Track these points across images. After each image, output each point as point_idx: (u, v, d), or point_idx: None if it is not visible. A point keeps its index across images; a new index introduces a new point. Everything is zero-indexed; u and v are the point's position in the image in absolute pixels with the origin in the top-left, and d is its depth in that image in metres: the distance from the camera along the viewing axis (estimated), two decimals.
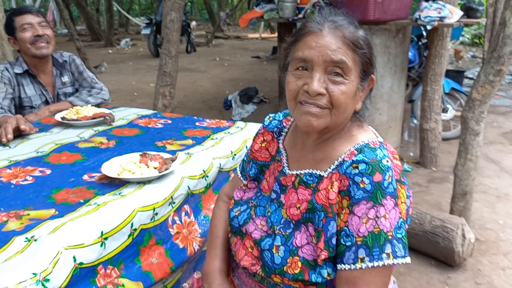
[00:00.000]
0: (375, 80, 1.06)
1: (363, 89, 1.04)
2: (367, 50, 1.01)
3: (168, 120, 2.15)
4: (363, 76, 1.02)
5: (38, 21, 2.27)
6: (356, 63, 0.99)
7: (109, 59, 11.27)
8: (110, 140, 1.83)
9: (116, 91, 7.73)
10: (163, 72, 3.60)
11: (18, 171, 1.50)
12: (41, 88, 2.36)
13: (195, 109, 6.30)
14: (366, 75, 1.03)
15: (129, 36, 16.59)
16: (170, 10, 3.48)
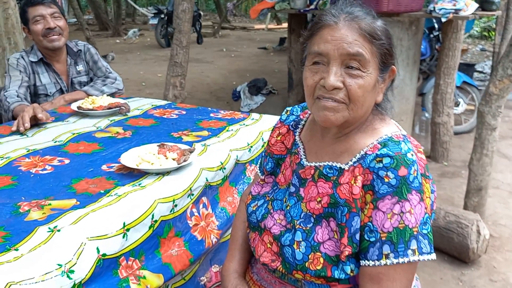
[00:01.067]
0: (396, 71, 1.04)
1: (383, 81, 1.02)
2: (385, 41, 0.99)
3: (183, 111, 2.14)
4: (382, 67, 1.00)
5: (50, 12, 2.24)
6: (374, 55, 0.97)
7: (117, 49, 11.25)
8: (127, 131, 1.82)
9: (124, 81, 7.65)
10: (174, 63, 3.59)
11: (37, 160, 1.50)
12: (56, 77, 2.36)
13: (202, 100, 6.29)
14: (386, 66, 1.01)
15: (136, 26, 16.55)
16: (182, 0, 3.45)
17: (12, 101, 2.03)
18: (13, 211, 1.14)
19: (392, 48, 1.01)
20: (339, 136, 1.06)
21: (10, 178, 1.36)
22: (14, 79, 2.18)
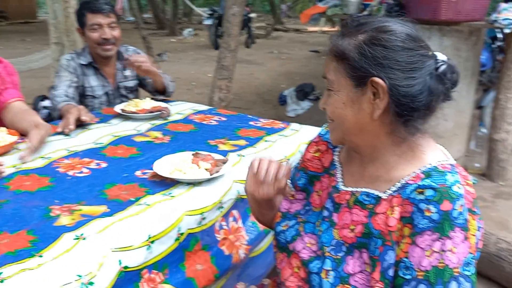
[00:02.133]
0: (380, 83, 0.89)
1: (363, 95, 0.92)
2: (354, 55, 0.91)
3: (223, 117, 2.12)
4: (356, 82, 0.92)
5: (108, 22, 2.29)
6: (339, 72, 0.94)
7: (171, 48, 11.53)
8: (165, 136, 1.83)
9: (175, 79, 7.85)
10: (221, 66, 3.60)
11: (76, 162, 1.53)
12: (103, 80, 2.41)
13: (249, 102, 6.29)
14: (360, 80, 0.92)
15: (192, 26, 16.91)
16: (233, 4, 3.45)
17: (60, 100, 2.10)
18: (45, 215, 1.16)
19: (366, 59, 0.91)
20: (367, 160, 1.00)
21: (48, 179, 1.39)
22: (64, 79, 2.25)
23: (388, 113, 0.92)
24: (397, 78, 0.89)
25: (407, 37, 0.91)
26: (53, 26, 4.68)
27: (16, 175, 1.40)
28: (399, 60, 0.89)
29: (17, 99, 1.84)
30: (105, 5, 2.31)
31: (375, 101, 0.91)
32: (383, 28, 0.92)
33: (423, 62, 0.90)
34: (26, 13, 17.45)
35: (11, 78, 1.85)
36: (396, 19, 0.96)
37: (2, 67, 1.83)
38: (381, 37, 0.91)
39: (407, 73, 0.89)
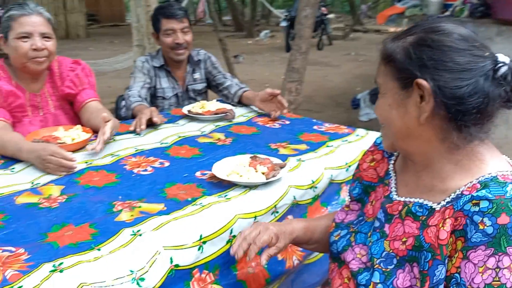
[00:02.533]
0: (423, 85, 0.85)
1: (407, 98, 0.89)
2: (400, 57, 0.90)
3: (287, 120, 2.12)
4: (402, 84, 0.90)
5: (181, 27, 2.39)
6: (387, 75, 0.93)
7: (248, 50, 11.74)
8: (228, 137, 1.86)
9: (249, 81, 8.01)
10: (292, 68, 3.59)
11: (141, 160, 1.61)
12: (174, 82, 2.52)
13: (321, 105, 6.22)
14: (405, 82, 0.89)
15: (269, 27, 17.08)
16: (305, 6, 3.43)
17: (133, 100, 2.21)
18: (108, 210, 1.23)
19: (408, 62, 0.88)
20: (421, 169, 0.95)
21: (115, 176, 1.47)
22: (138, 80, 2.38)
23: (437, 117, 0.87)
24: (444, 80, 0.84)
25: (459, 37, 0.86)
26: (135, 29, 4.97)
27: (87, 170, 1.50)
28: (445, 61, 0.85)
29: (93, 99, 1.97)
30: (179, 10, 2.40)
31: (421, 104, 0.87)
32: (433, 29, 0.89)
33: (476, 63, 0.84)
34: (116, 16, 18.70)
35: (88, 79, 1.99)
36: (450, 19, 0.91)
37: (80, 68, 1.97)
38: (430, 37, 0.87)
39: (455, 74, 0.84)
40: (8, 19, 1.74)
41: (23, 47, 1.73)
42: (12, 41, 1.73)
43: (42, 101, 1.90)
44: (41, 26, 1.76)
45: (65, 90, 1.93)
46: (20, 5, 1.76)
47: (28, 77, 1.84)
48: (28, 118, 1.85)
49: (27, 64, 1.76)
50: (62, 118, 1.95)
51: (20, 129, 1.80)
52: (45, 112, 1.91)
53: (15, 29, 1.73)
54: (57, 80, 1.94)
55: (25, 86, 1.85)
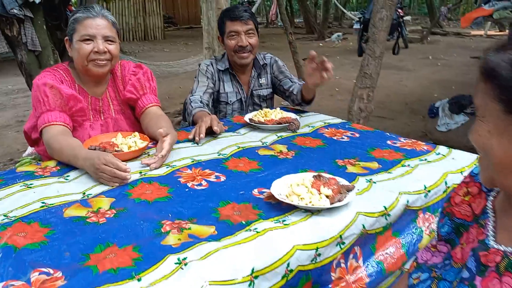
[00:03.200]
0: None
1: None
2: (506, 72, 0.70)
3: (356, 133, 1.93)
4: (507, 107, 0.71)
5: (245, 29, 2.29)
6: (487, 94, 0.73)
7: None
8: (290, 150, 1.71)
9: None
10: (364, 74, 3.36)
11: (197, 173, 1.51)
12: (238, 87, 2.42)
13: (394, 111, 5.87)
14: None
15: (342, 30, 16.68)
16: (381, 8, 3.19)
17: (195, 105, 2.14)
18: (155, 230, 1.14)
19: None
20: None
21: (167, 189, 1.38)
22: (201, 85, 2.30)
23: None
24: None
25: None
26: (206, 31, 4.98)
27: (140, 182, 1.43)
28: None
29: (154, 104, 1.91)
30: (244, 12, 2.30)
31: None
32: None
33: None
34: (191, 19, 19.27)
35: (150, 84, 1.94)
36: None
37: (142, 73, 1.93)
38: None
39: None
40: (74, 21, 1.72)
41: (85, 49, 1.70)
42: (76, 43, 1.72)
43: (103, 105, 1.88)
44: (104, 29, 1.73)
45: (127, 94, 1.89)
46: (86, 8, 1.74)
47: (90, 81, 1.82)
48: (89, 122, 1.83)
49: (89, 67, 1.74)
50: (122, 123, 1.91)
51: (81, 133, 1.78)
52: (106, 116, 1.89)
53: (79, 31, 1.71)
54: (119, 84, 1.91)
55: (87, 89, 1.83)
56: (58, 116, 1.67)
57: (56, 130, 1.63)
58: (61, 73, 1.78)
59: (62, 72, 1.79)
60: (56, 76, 1.74)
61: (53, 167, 1.55)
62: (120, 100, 1.92)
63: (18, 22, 3.01)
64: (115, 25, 1.80)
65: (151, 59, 11.21)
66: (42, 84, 1.67)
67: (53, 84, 1.68)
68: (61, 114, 1.69)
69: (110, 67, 1.79)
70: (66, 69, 1.82)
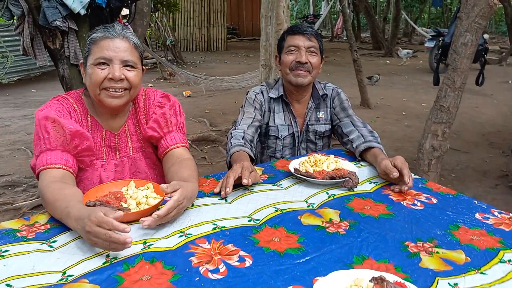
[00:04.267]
0: None
1: None
2: None
3: (433, 197, 1.49)
4: None
5: (308, 45, 1.94)
6: None
7: (385, 70, 10.87)
8: (343, 220, 1.31)
9: (383, 107, 7.25)
10: (440, 107, 2.87)
11: (216, 249, 1.15)
12: (291, 118, 2.06)
13: (469, 143, 5.22)
14: None
15: (411, 46, 15.87)
16: (465, 32, 2.70)
17: (234, 143, 1.79)
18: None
19: None
20: None
21: (172, 275, 1.03)
22: (246, 116, 1.97)
23: None
24: None
25: None
26: (263, 48, 4.67)
27: (139, 259, 1.09)
28: None
29: (179, 145, 1.59)
30: (309, 28, 1.97)
31: None
32: None
33: None
34: (255, 30, 19.25)
35: (177, 119, 1.62)
36: None
37: (168, 106, 1.62)
38: None
39: None
40: (90, 42, 1.45)
41: (98, 75, 1.41)
42: (89, 67, 1.44)
43: (120, 141, 1.58)
44: (124, 52, 1.44)
45: (149, 132, 1.58)
46: (105, 27, 1.45)
47: (106, 113, 1.53)
48: (101, 161, 1.54)
49: (101, 97, 1.45)
50: (141, 163, 1.61)
51: (91, 175, 1.50)
52: (122, 155, 1.59)
53: (94, 53, 1.43)
54: (141, 117, 1.61)
55: (102, 122, 1.55)
56: (59, 157, 1.39)
57: (53, 175, 1.35)
58: (71, 102, 1.50)
59: (74, 100, 1.52)
60: (64, 106, 1.47)
61: (42, 225, 1.25)
62: (141, 136, 1.62)
63: (61, 34, 2.84)
64: (138, 48, 1.50)
65: (210, 71, 11.16)
66: (43, 118, 1.40)
67: (55, 118, 1.40)
68: (63, 155, 1.40)
69: (128, 98, 1.50)
70: (78, 97, 1.54)
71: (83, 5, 2.84)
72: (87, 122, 1.52)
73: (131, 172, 1.59)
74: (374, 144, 1.80)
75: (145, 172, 1.62)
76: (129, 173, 1.59)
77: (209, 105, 7.08)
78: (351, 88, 8.23)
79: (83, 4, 2.84)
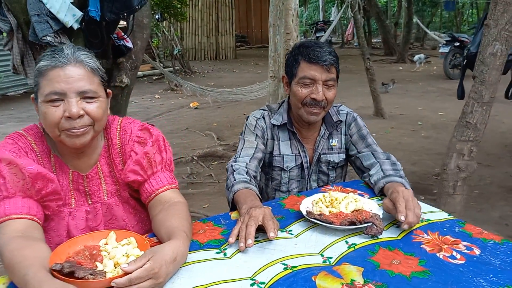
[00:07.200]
0: None
1: None
2: None
3: (475, 247, 1.23)
4: None
5: (326, 78, 1.65)
6: None
7: (399, 77, 10.58)
8: (368, 283, 1.06)
9: (397, 117, 6.97)
10: (466, 123, 2.60)
11: None
12: (299, 148, 1.80)
13: (491, 155, 4.92)
14: None
15: (424, 51, 15.55)
16: (494, 41, 2.44)
17: (238, 179, 1.55)
18: None
19: None
20: None
21: None
22: (247, 146, 1.72)
23: None
24: None
25: None
26: (272, 58, 4.45)
27: None
28: None
29: (168, 187, 1.34)
30: (328, 54, 1.65)
31: None
32: None
33: None
34: (264, 38, 19.07)
35: (162, 157, 1.37)
36: None
37: (150, 144, 1.36)
38: None
39: None
40: (37, 74, 1.20)
41: (52, 115, 1.17)
42: (41, 105, 1.19)
43: (91, 185, 1.34)
44: (79, 81, 1.19)
45: (130, 176, 1.33)
46: (53, 52, 1.21)
47: (71, 152, 1.30)
48: (68, 208, 1.31)
49: (62, 138, 1.21)
50: (118, 210, 1.37)
51: (57, 225, 1.28)
52: (95, 200, 1.35)
53: (43, 87, 1.18)
54: (116, 156, 1.37)
55: (67, 162, 1.31)
56: (19, 205, 1.16)
57: (14, 229, 1.12)
58: (29, 141, 1.27)
59: (32, 138, 1.28)
60: (20, 146, 1.24)
61: None
62: (115, 178, 1.38)
63: None
64: (97, 72, 1.25)
65: (219, 80, 10.98)
66: None
67: (11, 160, 1.17)
68: (25, 201, 1.17)
69: (93, 133, 1.25)
70: (39, 133, 1.30)
71: (76, 19, 2.65)
72: (50, 162, 1.28)
73: (105, 220, 1.35)
74: (395, 178, 1.54)
75: (123, 220, 1.38)
76: (103, 221, 1.35)
77: (217, 117, 6.87)
78: (363, 96, 7.97)
79: (75, 18, 2.64)
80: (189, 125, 6.50)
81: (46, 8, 2.54)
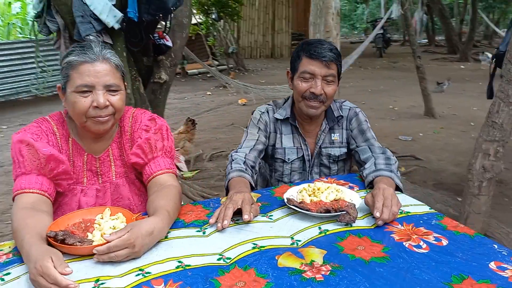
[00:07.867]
0: None
1: None
2: None
3: (444, 238, 1.27)
4: None
5: (325, 73, 1.73)
6: None
7: (458, 76, 10.16)
8: (326, 263, 1.14)
9: (449, 117, 6.73)
10: (492, 123, 2.55)
11: None
12: (301, 141, 1.89)
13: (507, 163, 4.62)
14: None
15: (491, 50, 14.73)
16: None
17: (235, 167, 1.68)
18: None
19: None
20: None
21: None
22: (249, 138, 1.84)
23: None
24: None
25: None
26: None
27: None
28: None
29: (165, 170, 1.50)
30: (329, 51, 1.73)
31: None
32: None
33: None
34: None
35: (163, 144, 1.53)
36: None
37: (153, 131, 1.53)
38: None
39: None
40: (67, 66, 1.39)
41: (82, 104, 1.36)
42: (70, 94, 1.38)
43: (102, 166, 1.53)
44: (106, 76, 1.37)
45: (132, 158, 1.51)
46: (82, 48, 1.39)
47: (89, 136, 1.49)
48: (81, 186, 1.50)
49: (87, 124, 1.40)
50: (124, 190, 1.54)
51: (70, 200, 1.46)
52: (105, 180, 1.53)
53: (73, 80, 1.37)
54: (126, 141, 1.55)
55: (84, 145, 1.50)
56: (33, 181, 1.36)
57: (25, 201, 1.31)
58: (51, 125, 1.47)
59: (55, 123, 1.48)
60: (43, 129, 1.44)
61: (4, 255, 1.22)
62: (125, 161, 1.55)
63: None
64: (119, 68, 1.43)
65: (271, 78, 11.10)
66: (18, 142, 1.38)
67: (30, 142, 1.37)
68: (39, 178, 1.37)
69: (113, 122, 1.44)
70: (61, 119, 1.50)
71: (117, 20, 2.87)
72: (68, 145, 1.48)
73: (113, 199, 1.53)
74: (384, 173, 1.59)
75: (128, 199, 1.55)
76: (111, 199, 1.53)
77: None
78: (415, 95, 7.75)
79: (116, 19, 2.87)
80: (235, 121, 6.70)
81: (90, 9, 2.79)
